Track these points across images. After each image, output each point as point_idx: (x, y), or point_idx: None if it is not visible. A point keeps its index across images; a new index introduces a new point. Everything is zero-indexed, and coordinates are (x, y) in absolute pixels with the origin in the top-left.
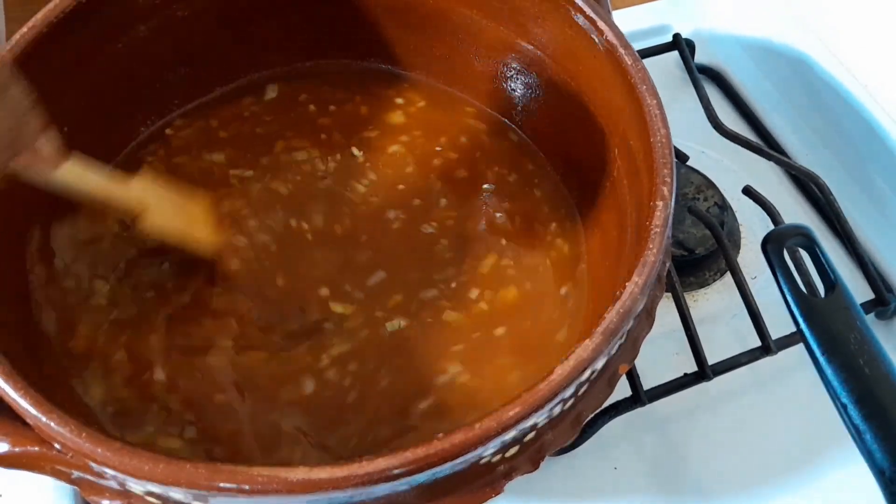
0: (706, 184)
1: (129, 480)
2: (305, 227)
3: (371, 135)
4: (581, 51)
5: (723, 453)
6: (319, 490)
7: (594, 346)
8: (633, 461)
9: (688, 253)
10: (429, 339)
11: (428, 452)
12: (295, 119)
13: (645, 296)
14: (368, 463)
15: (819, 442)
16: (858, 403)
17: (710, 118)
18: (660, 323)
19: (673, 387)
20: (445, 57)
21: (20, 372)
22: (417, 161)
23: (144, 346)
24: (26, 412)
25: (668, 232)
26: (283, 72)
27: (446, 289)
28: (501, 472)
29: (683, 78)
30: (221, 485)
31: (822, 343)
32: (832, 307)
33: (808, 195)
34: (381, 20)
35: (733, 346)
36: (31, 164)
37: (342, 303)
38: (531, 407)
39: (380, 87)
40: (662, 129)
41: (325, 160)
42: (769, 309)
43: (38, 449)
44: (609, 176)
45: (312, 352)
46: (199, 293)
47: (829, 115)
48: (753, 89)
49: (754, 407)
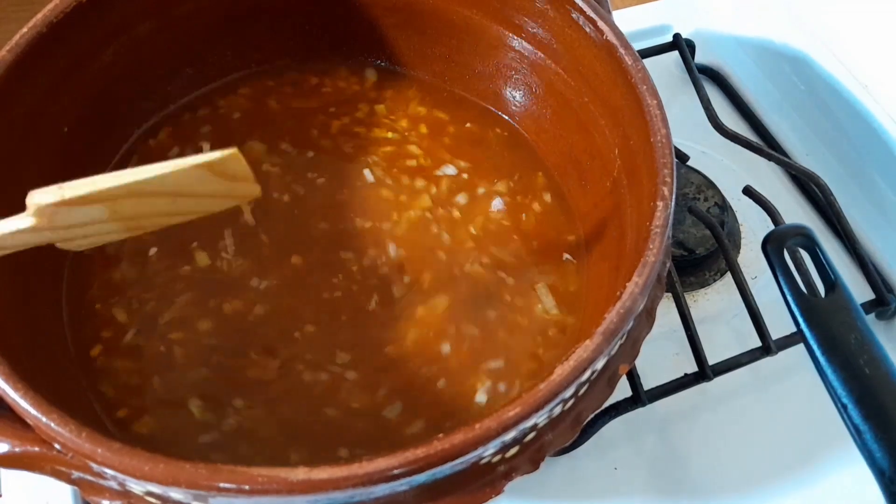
0: (706, 184)
1: (129, 481)
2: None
3: (371, 135)
4: (581, 50)
5: (723, 454)
6: (319, 490)
7: (594, 347)
8: (634, 461)
9: (688, 253)
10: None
11: (428, 452)
12: (292, 118)
13: (645, 296)
14: (368, 463)
15: (819, 442)
16: (858, 403)
17: (710, 118)
18: (660, 323)
19: (673, 387)
20: (445, 57)
21: (20, 372)
22: (416, 160)
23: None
24: (26, 412)
25: (669, 232)
26: (281, 71)
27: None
28: (501, 472)
29: (683, 78)
30: (221, 485)
31: (823, 343)
32: (832, 307)
33: (809, 195)
34: (381, 20)
35: (733, 346)
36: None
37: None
38: (531, 407)
39: (379, 87)
40: (662, 129)
41: (322, 162)
42: (769, 309)
43: (39, 449)
44: (609, 176)
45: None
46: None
47: (830, 115)
48: (754, 89)
49: (755, 407)
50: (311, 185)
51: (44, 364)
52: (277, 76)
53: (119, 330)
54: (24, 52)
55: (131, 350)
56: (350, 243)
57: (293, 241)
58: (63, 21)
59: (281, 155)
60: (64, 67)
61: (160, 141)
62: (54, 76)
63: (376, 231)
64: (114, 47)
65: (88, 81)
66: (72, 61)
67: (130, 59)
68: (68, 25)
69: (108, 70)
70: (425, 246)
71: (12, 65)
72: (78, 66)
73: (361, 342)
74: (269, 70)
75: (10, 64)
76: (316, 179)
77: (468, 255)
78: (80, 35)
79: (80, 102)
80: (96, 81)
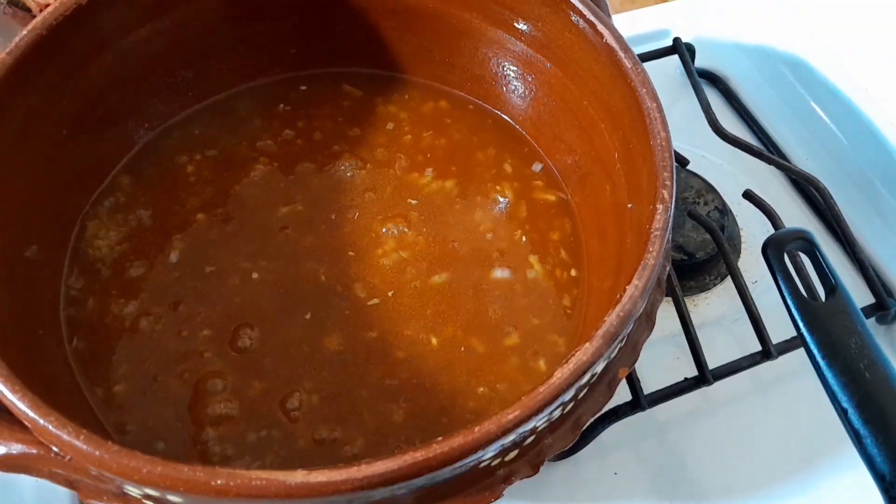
0: (706, 188)
1: (127, 483)
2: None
3: (371, 139)
4: (581, 54)
5: (723, 458)
6: (318, 494)
7: (594, 350)
8: (634, 466)
9: (688, 257)
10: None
11: (427, 456)
12: (295, 125)
13: (645, 299)
14: (367, 466)
15: (819, 447)
16: (859, 408)
17: (710, 122)
18: (660, 327)
19: (673, 391)
20: (444, 60)
21: (18, 374)
22: (416, 161)
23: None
24: (24, 414)
25: (668, 235)
26: (282, 80)
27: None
28: (501, 476)
29: (684, 82)
30: (219, 488)
31: (823, 347)
32: (833, 311)
33: (809, 199)
34: (379, 24)
35: (734, 350)
36: None
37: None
38: (531, 410)
39: (380, 91)
40: (662, 132)
41: (326, 166)
42: (770, 313)
43: (36, 451)
44: (609, 179)
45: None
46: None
47: (830, 120)
48: (754, 93)
49: (755, 411)
50: (311, 193)
51: (42, 366)
52: (277, 86)
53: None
54: (24, 55)
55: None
56: (350, 244)
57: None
58: (63, 24)
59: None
60: (64, 69)
61: (168, 144)
62: (54, 78)
63: (375, 231)
64: (113, 51)
65: (88, 83)
66: (72, 63)
67: (130, 62)
68: (68, 28)
69: (108, 73)
70: (427, 247)
71: (12, 67)
72: (78, 67)
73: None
74: (269, 82)
75: (9, 66)
76: (315, 187)
77: (467, 257)
78: (80, 37)
79: (79, 106)
80: (96, 83)
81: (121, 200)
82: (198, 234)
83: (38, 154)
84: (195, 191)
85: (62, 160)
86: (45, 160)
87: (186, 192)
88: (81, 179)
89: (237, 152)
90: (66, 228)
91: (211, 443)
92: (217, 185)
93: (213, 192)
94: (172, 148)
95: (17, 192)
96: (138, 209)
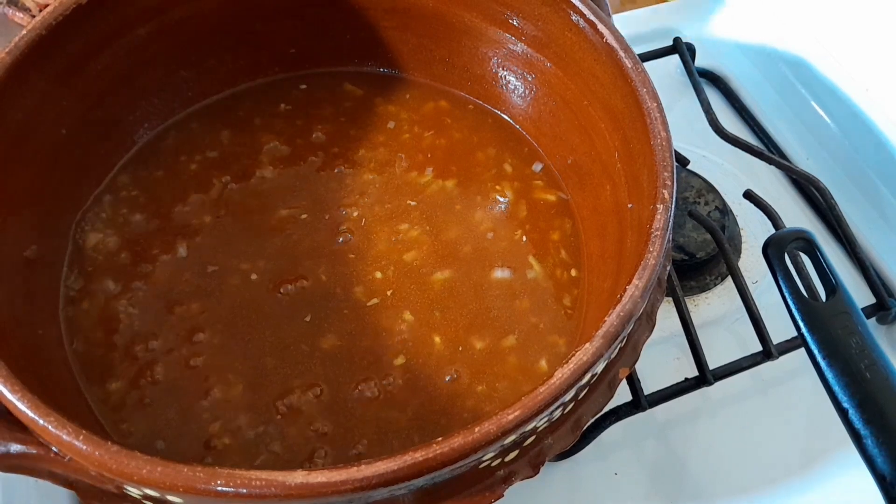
0: (707, 188)
1: (127, 484)
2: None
3: (371, 138)
4: (581, 53)
5: (724, 458)
6: (317, 495)
7: (594, 350)
8: (634, 467)
9: (688, 257)
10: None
11: (427, 456)
12: (295, 125)
13: (645, 299)
14: (367, 467)
15: (820, 447)
16: (859, 408)
17: (710, 122)
18: (661, 327)
19: (674, 391)
20: (444, 60)
21: (18, 374)
22: (416, 161)
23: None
24: (24, 415)
25: (669, 235)
26: (281, 79)
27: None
28: (501, 476)
29: (684, 82)
30: (219, 489)
31: (823, 348)
32: (833, 311)
33: (809, 199)
34: (379, 24)
35: (734, 350)
36: None
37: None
38: (531, 410)
39: (380, 91)
40: (663, 132)
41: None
42: (770, 313)
43: (36, 451)
44: (609, 178)
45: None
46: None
47: (831, 119)
48: (754, 93)
49: (755, 412)
50: (311, 193)
51: (42, 367)
52: (277, 86)
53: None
54: (24, 55)
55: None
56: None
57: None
58: (62, 24)
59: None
60: (63, 69)
61: (167, 144)
62: (54, 78)
63: (375, 231)
64: (113, 51)
65: (88, 83)
66: (71, 63)
67: (129, 62)
68: (68, 28)
69: (107, 73)
70: (427, 247)
71: (12, 67)
72: (77, 67)
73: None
74: (270, 81)
75: (9, 66)
76: (315, 186)
77: (467, 257)
78: (80, 37)
79: (78, 106)
80: (96, 83)
81: (120, 200)
82: (198, 235)
83: (38, 154)
84: (195, 191)
85: (62, 160)
86: (45, 160)
87: (186, 193)
88: (81, 179)
89: (237, 152)
90: (65, 229)
91: (211, 443)
92: (217, 186)
93: (213, 193)
94: (172, 148)
95: (17, 192)
96: (138, 209)
